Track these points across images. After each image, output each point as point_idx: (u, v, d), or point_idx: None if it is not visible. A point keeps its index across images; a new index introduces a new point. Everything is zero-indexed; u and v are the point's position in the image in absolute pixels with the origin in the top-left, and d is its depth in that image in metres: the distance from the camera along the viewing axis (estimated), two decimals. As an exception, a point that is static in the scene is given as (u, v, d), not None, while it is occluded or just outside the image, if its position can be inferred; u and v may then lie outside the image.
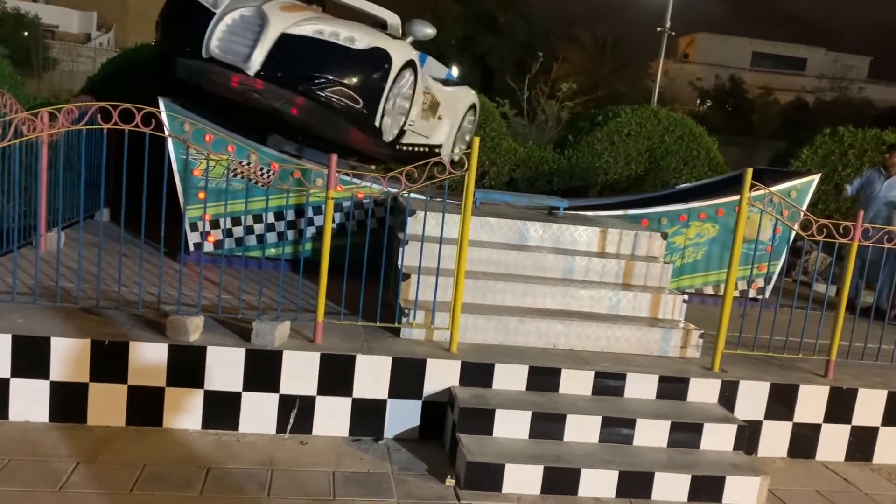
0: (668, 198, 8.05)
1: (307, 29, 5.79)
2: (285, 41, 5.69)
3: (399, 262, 5.42)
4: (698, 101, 41.01)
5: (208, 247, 6.34)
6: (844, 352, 5.62)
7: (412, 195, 5.98)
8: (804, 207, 7.33)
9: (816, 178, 7.66)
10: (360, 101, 5.64)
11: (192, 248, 6.34)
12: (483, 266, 5.67)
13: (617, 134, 10.32)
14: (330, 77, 5.70)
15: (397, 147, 6.80)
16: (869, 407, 5.23)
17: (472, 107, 8.39)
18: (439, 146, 7.69)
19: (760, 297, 7.34)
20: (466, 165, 4.78)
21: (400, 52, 6.08)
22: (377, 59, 5.81)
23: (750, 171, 5.08)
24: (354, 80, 5.71)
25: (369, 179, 5.09)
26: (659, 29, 30.11)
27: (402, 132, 6.63)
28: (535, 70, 15.63)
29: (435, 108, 7.20)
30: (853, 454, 5.26)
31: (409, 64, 6.22)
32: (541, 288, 5.52)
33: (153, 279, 5.28)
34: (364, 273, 5.02)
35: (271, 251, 6.45)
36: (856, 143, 10.46)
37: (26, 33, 25.88)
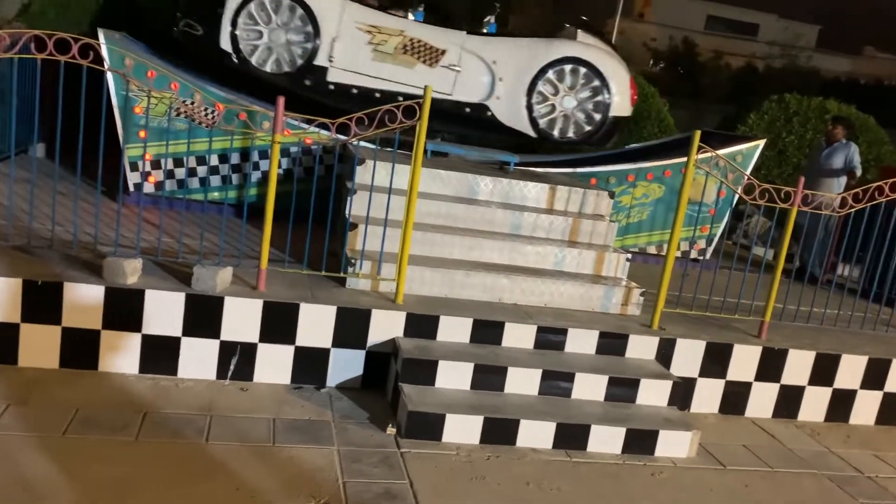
0: (616, 157, 8.11)
1: None
2: None
3: (347, 212, 5.35)
4: (651, 62, 41.20)
5: (149, 187, 6.15)
6: (778, 313, 5.82)
7: (362, 143, 5.88)
8: (748, 172, 7.47)
9: (762, 143, 7.80)
10: (199, 28, 6.58)
11: (131, 188, 6.14)
12: (432, 218, 5.64)
13: (570, 91, 10.28)
14: (182, 16, 6.74)
15: (328, 86, 6.77)
16: (797, 367, 5.44)
17: (571, 62, 7.00)
18: (469, 103, 7.06)
19: (701, 258, 7.51)
20: (418, 115, 4.70)
21: None
22: None
23: (698, 134, 5.14)
24: (193, 13, 6.65)
25: (318, 125, 4.97)
26: (616, -13, 29.91)
27: (314, 67, 6.69)
28: (491, 21, 15.40)
29: (430, 55, 6.93)
30: (780, 411, 5.48)
31: None
32: (488, 242, 5.53)
33: (90, 219, 5.10)
34: (310, 221, 4.94)
35: (214, 195, 6.29)
36: (801, 111, 10.67)
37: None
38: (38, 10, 8.13)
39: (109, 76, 5.71)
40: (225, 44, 6.57)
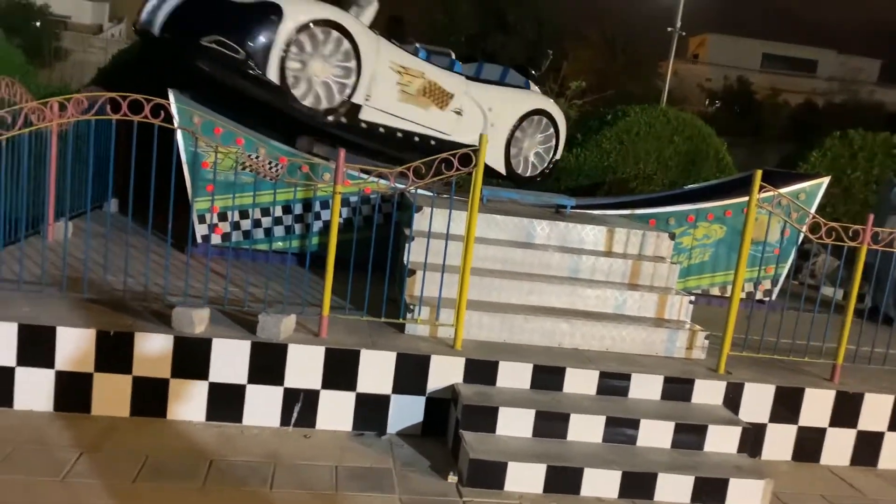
0: (676, 198, 8.03)
1: None
2: (187, 3, 6.17)
3: (405, 258, 5.41)
4: (707, 102, 40.86)
5: (216, 239, 6.35)
6: (851, 356, 5.60)
7: (419, 191, 5.97)
8: (813, 210, 7.30)
9: (825, 181, 7.63)
10: (241, 51, 5.88)
11: (199, 240, 6.34)
12: (489, 263, 5.65)
13: (626, 133, 10.29)
14: (211, 29, 5.97)
15: (361, 125, 6.63)
16: (875, 412, 5.21)
17: (544, 116, 7.92)
18: (462, 145, 7.28)
19: (767, 299, 7.32)
20: (474, 162, 4.77)
21: (301, 8, 6.05)
22: (263, 13, 5.93)
23: (759, 173, 5.06)
24: (234, 31, 5.89)
25: (377, 175, 5.08)
26: (669, 29, 30.00)
27: (351, 105, 6.50)
28: (545, 68, 15.59)
29: (440, 97, 7.06)
30: (858, 459, 5.24)
31: (330, 25, 6.17)
32: (546, 286, 5.50)
33: (160, 270, 5.28)
34: (370, 268, 5.02)
35: (278, 244, 6.45)
36: (865, 147, 10.41)
37: (38, 23, 25.91)
38: (116, 68, 8.57)
39: (179, 133, 5.97)
40: (272, 73, 6.02)
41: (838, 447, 5.20)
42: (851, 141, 10.47)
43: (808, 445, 5.16)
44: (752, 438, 4.80)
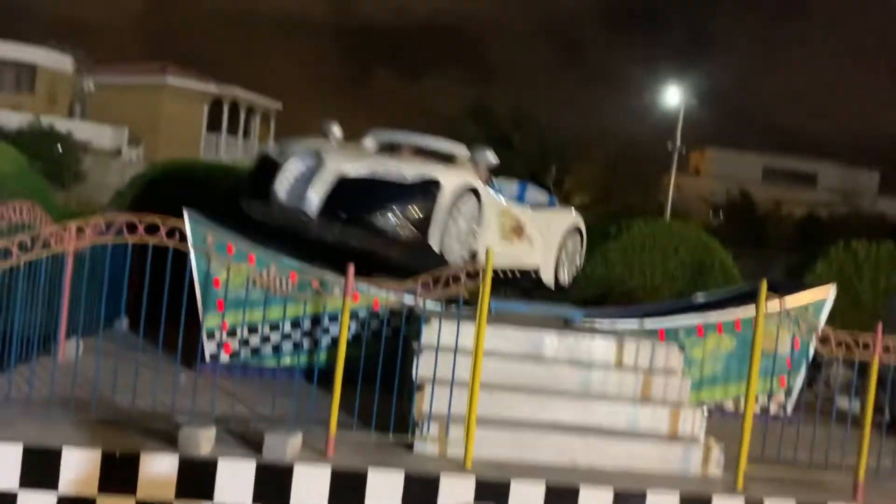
0: (684, 309, 8.02)
1: (362, 169, 6.33)
2: (343, 182, 6.26)
3: (413, 373, 5.38)
4: (711, 215, 41.48)
5: (224, 357, 6.34)
6: (872, 470, 5.43)
7: (428, 305, 6.01)
8: (822, 320, 7.27)
9: (832, 291, 7.64)
10: (410, 226, 6.21)
11: (208, 358, 6.34)
12: (498, 377, 5.60)
13: (630, 246, 10.42)
14: (382, 208, 6.23)
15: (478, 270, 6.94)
16: (903, 530, 5.01)
17: (576, 230, 8.81)
18: (535, 269, 8.02)
19: (782, 412, 7.18)
20: (482, 276, 4.83)
21: (452, 179, 6.54)
22: (427, 189, 6.36)
23: (765, 284, 5.09)
24: (404, 207, 6.25)
25: (386, 288, 5.15)
26: (669, 148, 30.94)
27: (475, 253, 6.92)
28: (550, 183, 16.01)
29: (519, 231, 7.55)
30: (890, 582, 4.99)
31: (468, 189, 6.71)
32: (557, 402, 5.44)
33: (169, 389, 5.26)
34: (378, 384, 5.00)
35: (286, 360, 6.43)
36: (870, 258, 10.48)
37: (60, 149, 26.91)
38: (133, 191, 8.81)
39: (192, 252, 6.09)
40: (434, 241, 6.34)
41: (869, 569, 4.97)
42: (856, 252, 10.55)
43: (837, 567, 4.93)
44: (777, 560, 4.60)
